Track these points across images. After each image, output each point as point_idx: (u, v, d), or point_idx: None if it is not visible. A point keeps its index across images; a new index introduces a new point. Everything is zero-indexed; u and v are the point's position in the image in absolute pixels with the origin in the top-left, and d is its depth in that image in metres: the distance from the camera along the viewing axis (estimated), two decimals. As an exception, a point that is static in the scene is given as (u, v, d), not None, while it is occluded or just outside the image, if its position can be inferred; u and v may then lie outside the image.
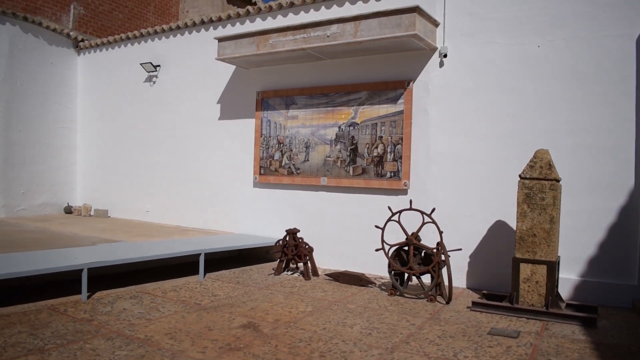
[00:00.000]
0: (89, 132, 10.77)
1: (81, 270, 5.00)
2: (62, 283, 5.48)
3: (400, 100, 6.62)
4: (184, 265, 6.71)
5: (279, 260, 6.72)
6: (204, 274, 6.27)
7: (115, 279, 5.93)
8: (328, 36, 6.47)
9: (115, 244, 6.61)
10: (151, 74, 9.56)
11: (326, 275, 6.53)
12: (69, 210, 10.55)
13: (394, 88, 6.68)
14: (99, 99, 10.60)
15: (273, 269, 6.88)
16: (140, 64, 9.49)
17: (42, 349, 3.66)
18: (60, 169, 10.67)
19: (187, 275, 6.36)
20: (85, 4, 13.09)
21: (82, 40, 11.06)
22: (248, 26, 8.05)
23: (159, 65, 9.43)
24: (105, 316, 4.55)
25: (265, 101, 7.82)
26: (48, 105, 10.49)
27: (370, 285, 6.09)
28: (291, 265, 6.80)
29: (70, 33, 11.02)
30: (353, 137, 6.96)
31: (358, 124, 6.93)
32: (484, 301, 5.21)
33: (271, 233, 7.59)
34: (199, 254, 6.17)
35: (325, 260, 7.07)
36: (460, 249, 5.70)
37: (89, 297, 5.13)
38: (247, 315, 4.71)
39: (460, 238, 6.05)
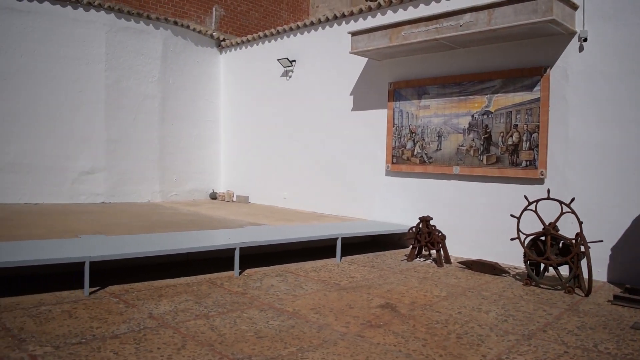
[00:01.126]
0: (231, 125, 11.68)
1: (234, 248, 5.57)
2: (213, 260, 6.12)
3: (537, 88, 6.47)
4: (321, 248, 7.13)
5: (411, 247, 6.91)
6: (341, 257, 6.64)
7: (261, 258, 6.49)
8: (461, 25, 6.49)
9: (260, 227, 7.21)
10: (287, 68, 10.13)
11: (459, 263, 6.61)
12: (214, 196, 11.56)
13: (530, 75, 6.54)
14: (240, 93, 11.44)
15: (405, 255, 7.08)
16: (277, 59, 10.10)
17: (207, 315, 4.20)
18: (207, 158, 11.70)
19: (324, 257, 6.77)
20: (225, 5, 14.09)
21: (224, 40, 11.96)
22: (379, 19, 8.26)
23: (294, 60, 9.97)
24: (256, 290, 5.05)
25: (397, 92, 8.00)
26: (195, 101, 11.53)
27: (504, 274, 6.09)
28: (424, 252, 6.96)
29: (213, 34, 11.96)
30: (487, 125, 6.93)
31: (492, 113, 6.89)
32: (627, 295, 5.02)
33: (403, 220, 7.79)
34: (336, 238, 6.55)
35: (458, 248, 7.14)
36: (602, 241, 5.50)
37: (240, 273, 5.69)
38: (384, 297, 4.97)
39: (601, 230, 5.82)
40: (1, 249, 4.83)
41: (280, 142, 10.27)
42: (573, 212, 5.39)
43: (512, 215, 5.87)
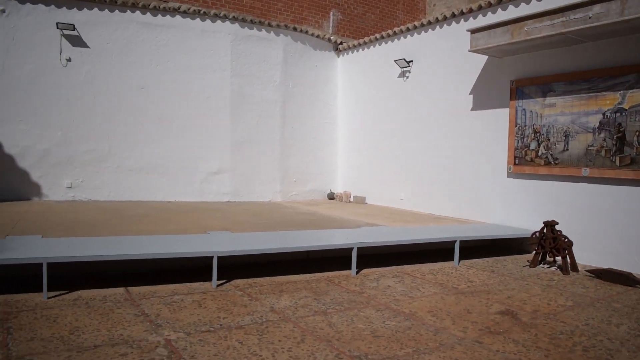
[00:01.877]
0: (349, 126, 11.86)
1: (352, 248, 5.69)
2: (331, 259, 6.27)
3: (680, 82, 5.91)
4: (438, 250, 7.04)
5: (534, 252, 6.60)
6: (459, 261, 6.52)
7: (377, 258, 6.55)
8: (590, 17, 6.10)
9: (377, 228, 7.28)
10: (404, 69, 10.10)
11: (587, 271, 6.22)
12: (331, 196, 11.82)
13: (672, 68, 5.99)
14: (357, 95, 11.59)
15: (528, 260, 6.79)
16: (394, 60, 10.10)
17: (325, 312, 4.34)
18: (325, 159, 12.00)
19: (441, 260, 6.68)
20: (342, 9, 14.33)
21: (341, 43, 12.17)
22: (500, 15, 7.98)
23: (411, 61, 9.92)
24: (372, 290, 5.13)
25: (519, 90, 7.69)
26: (314, 104, 11.86)
27: (638, 285, 5.63)
28: (548, 258, 6.62)
29: (331, 37, 12.21)
30: (620, 124, 6.44)
31: (626, 110, 6.39)
32: None
33: (525, 224, 7.47)
34: (454, 241, 6.44)
35: (585, 255, 6.71)
36: None
37: (357, 273, 5.80)
38: (504, 303, 4.82)
39: None
40: (140, 242, 5.33)
41: (398, 143, 10.26)
42: None
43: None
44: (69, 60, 9.62)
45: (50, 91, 9.52)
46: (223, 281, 5.19)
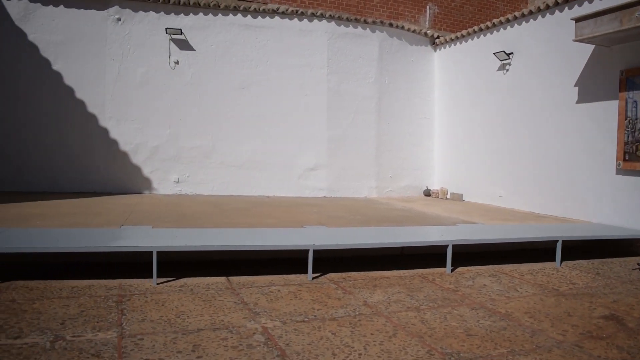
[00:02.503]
0: (445, 121, 11.66)
1: (447, 245, 5.62)
2: (425, 256, 6.22)
3: None
4: (538, 250, 6.76)
5: (646, 254, 6.16)
6: (561, 262, 6.23)
7: (473, 257, 6.41)
8: None
9: (474, 225, 7.12)
10: (504, 62, 9.76)
11: None
12: (427, 193, 11.68)
13: None
14: (454, 90, 11.35)
15: (638, 263, 6.34)
16: (493, 53, 9.79)
17: (418, 308, 4.33)
18: (421, 155, 11.87)
19: (541, 260, 6.41)
20: (438, 2, 14.06)
21: (438, 37, 11.97)
22: (606, 1, 7.48)
23: (511, 53, 9.56)
24: (467, 289, 5.04)
25: (630, 80, 7.18)
26: (410, 99, 11.76)
27: None
28: (662, 260, 6.16)
29: (427, 32, 12.05)
30: None
31: None
32: None
33: (635, 224, 6.98)
34: (556, 241, 6.16)
35: None
36: None
37: (451, 270, 5.72)
38: (608, 307, 4.56)
39: None
40: (241, 235, 5.60)
41: (496, 139, 9.94)
42: None
43: None
44: (176, 63, 10.25)
45: (159, 92, 10.20)
46: (318, 274, 5.33)
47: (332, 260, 5.89)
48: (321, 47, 11.00)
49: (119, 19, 10.05)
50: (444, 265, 5.71)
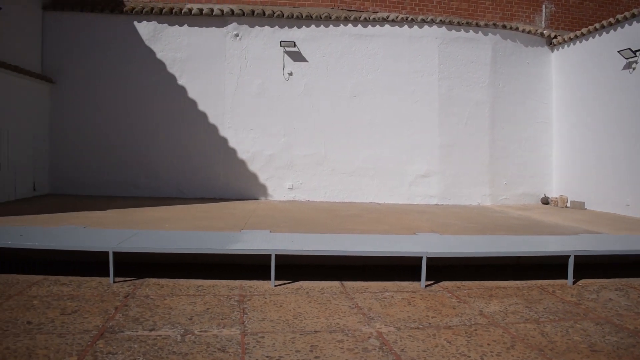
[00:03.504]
0: (565, 125, 11.06)
1: (568, 256, 5.36)
2: (544, 266, 5.95)
3: None
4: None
5: None
6: (700, 276, 5.70)
7: (597, 269, 6.04)
8: None
9: (598, 235, 6.71)
10: (630, 60, 9.11)
11: None
12: (545, 201, 11.14)
13: None
14: (574, 92, 10.76)
15: None
16: (618, 51, 9.17)
17: (537, 320, 4.18)
18: (538, 161, 11.36)
19: (677, 275, 5.91)
20: (555, 0, 13.37)
21: (555, 37, 11.41)
22: None
23: (638, 50, 8.90)
24: (591, 302, 4.77)
25: None
26: (525, 103, 11.31)
27: None
28: None
29: (543, 32, 11.53)
30: None
31: None
32: None
33: None
34: (694, 254, 5.65)
35: None
36: None
37: (573, 282, 5.44)
38: None
39: None
40: (354, 240, 5.71)
41: (623, 142, 9.27)
42: None
43: None
44: (290, 74, 10.66)
45: (274, 103, 10.66)
46: (431, 282, 5.31)
47: (445, 268, 5.83)
48: (432, 52, 10.91)
49: (236, 35, 10.65)
50: (565, 277, 5.44)
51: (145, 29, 10.71)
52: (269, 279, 5.23)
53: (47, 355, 3.42)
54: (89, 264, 5.92)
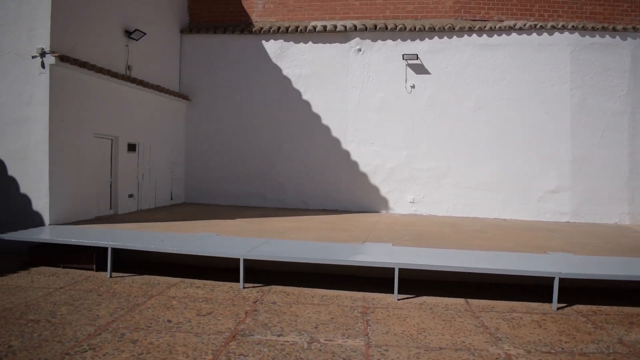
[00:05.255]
0: None
1: None
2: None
3: None
4: None
5: None
6: None
7: None
8: None
9: None
10: None
11: None
12: (696, 220, 10.03)
13: None
14: None
15: None
16: None
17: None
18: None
19: None
20: None
21: None
22: None
23: None
24: None
25: None
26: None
27: None
28: None
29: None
30: None
31: None
32: None
33: None
34: None
35: None
36: None
37: None
38: None
39: None
40: (478, 257, 5.56)
41: None
42: None
43: None
44: (413, 87, 10.64)
45: (396, 116, 10.69)
46: (563, 304, 5.04)
47: (579, 291, 5.49)
48: (563, 60, 10.33)
49: (359, 50, 10.85)
50: None
51: (272, 47, 11.27)
52: (391, 292, 5.27)
53: (186, 352, 3.73)
54: (219, 269, 6.34)
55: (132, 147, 9.66)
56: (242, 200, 11.42)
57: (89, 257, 6.38)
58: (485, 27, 10.47)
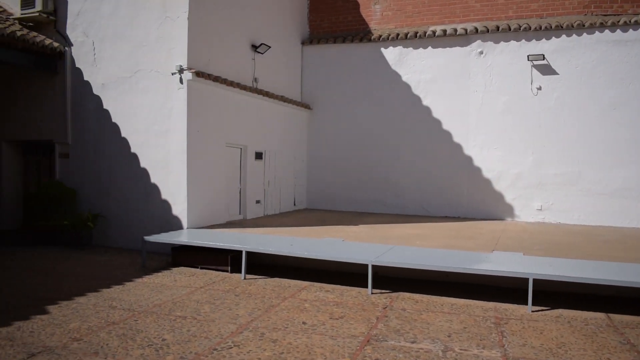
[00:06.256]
0: None
1: None
2: None
3: None
4: None
5: None
6: None
7: None
8: None
9: None
10: None
11: None
12: None
13: None
14: None
15: None
16: None
17: None
18: None
19: None
20: None
21: None
22: None
23: None
24: None
25: None
26: None
27: None
28: None
29: None
30: None
31: None
32: None
33: None
34: None
35: None
36: None
37: None
38: None
39: None
40: (621, 269, 5.22)
41: None
42: None
43: None
44: (539, 88, 10.19)
45: (521, 119, 10.29)
46: None
47: None
48: None
49: (481, 52, 10.58)
50: None
51: (391, 54, 11.32)
52: (521, 302, 5.12)
53: (324, 354, 3.89)
54: (344, 273, 6.50)
55: (259, 156, 10.18)
56: (363, 206, 11.57)
57: (225, 259, 6.83)
58: (618, 21, 9.78)
